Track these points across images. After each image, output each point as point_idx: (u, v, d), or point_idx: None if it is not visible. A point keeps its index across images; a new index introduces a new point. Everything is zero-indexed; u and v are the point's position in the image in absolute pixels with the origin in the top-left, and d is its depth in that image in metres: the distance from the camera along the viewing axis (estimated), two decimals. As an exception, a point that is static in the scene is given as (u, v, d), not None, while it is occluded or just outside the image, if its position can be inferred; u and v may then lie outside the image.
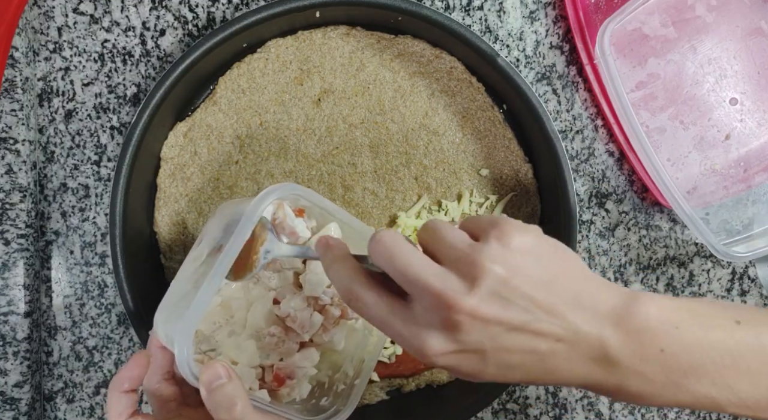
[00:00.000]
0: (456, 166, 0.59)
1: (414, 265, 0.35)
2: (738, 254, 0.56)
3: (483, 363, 0.35)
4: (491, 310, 0.34)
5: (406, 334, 0.35)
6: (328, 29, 0.57)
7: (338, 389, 0.50)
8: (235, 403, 0.39)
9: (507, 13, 0.59)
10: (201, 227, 0.58)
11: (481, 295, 0.33)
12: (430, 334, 0.34)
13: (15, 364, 0.56)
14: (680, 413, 0.64)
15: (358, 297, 0.36)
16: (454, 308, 0.33)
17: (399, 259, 0.35)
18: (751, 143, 0.60)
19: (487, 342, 0.34)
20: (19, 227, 0.56)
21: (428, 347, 0.34)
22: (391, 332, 0.36)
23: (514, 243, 0.35)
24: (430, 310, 0.34)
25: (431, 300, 0.34)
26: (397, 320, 0.35)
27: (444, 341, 0.34)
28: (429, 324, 0.34)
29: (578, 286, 0.36)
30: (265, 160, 0.58)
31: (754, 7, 0.59)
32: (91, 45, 0.57)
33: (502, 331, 0.34)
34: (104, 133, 0.58)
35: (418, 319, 0.35)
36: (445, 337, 0.34)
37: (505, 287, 0.34)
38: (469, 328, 0.34)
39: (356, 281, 0.37)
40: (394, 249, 0.35)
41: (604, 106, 0.59)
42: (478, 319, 0.34)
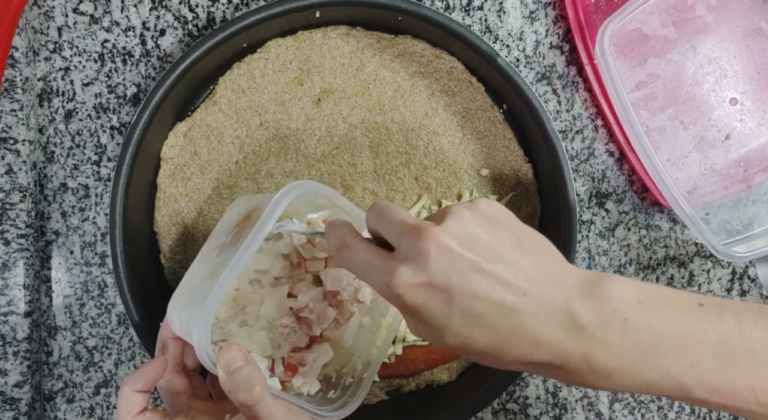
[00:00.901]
0: (456, 166, 0.59)
1: (398, 213, 0.38)
2: (738, 254, 0.56)
3: (448, 306, 0.35)
4: (459, 244, 0.35)
5: (382, 270, 0.36)
6: (328, 29, 0.57)
7: (346, 383, 0.50)
8: (254, 384, 0.40)
9: (507, 13, 0.59)
10: (201, 227, 0.58)
11: (450, 230, 0.35)
12: (402, 265, 0.35)
13: (15, 364, 0.56)
14: (680, 413, 0.64)
15: (348, 245, 0.39)
16: (423, 235, 0.35)
17: (386, 212, 0.38)
18: (751, 143, 0.60)
19: (454, 277, 0.35)
20: (19, 227, 0.56)
21: (397, 277, 0.35)
22: (371, 275, 0.37)
23: (480, 204, 0.37)
24: (406, 247, 0.36)
25: (408, 236, 0.35)
26: (378, 260, 0.37)
27: (413, 271, 0.35)
28: (404, 258, 0.36)
29: (546, 256, 0.37)
30: (265, 160, 0.58)
31: (754, 7, 0.59)
32: (91, 45, 0.57)
33: (468, 269, 0.35)
34: (104, 133, 0.58)
35: (396, 257, 0.36)
36: (414, 268, 0.35)
37: (473, 231, 0.35)
38: (437, 258, 0.34)
39: (350, 234, 0.39)
40: (386, 209, 0.38)
41: (604, 106, 0.59)
42: (446, 249, 0.35)
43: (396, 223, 0.37)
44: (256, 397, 0.40)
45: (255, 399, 0.40)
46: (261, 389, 0.40)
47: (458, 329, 0.36)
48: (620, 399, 0.63)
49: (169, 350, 0.47)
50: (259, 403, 0.40)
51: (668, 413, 0.64)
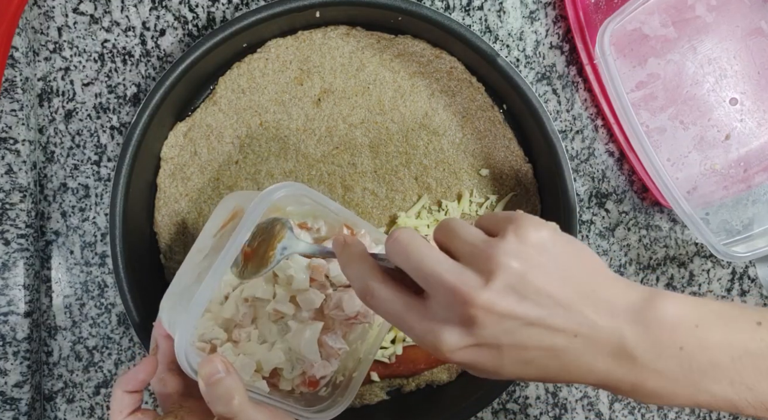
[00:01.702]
0: (456, 166, 0.59)
1: (430, 260, 0.35)
2: (738, 254, 0.56)
3: (499, 359, 0.35)
4: (507, 304, 0.34)
5: (421, 330, 0.35)
6: (328, 29, 0.57)
7: (337, 381, 0.50)
8: (232, 397, 0.40)
9: (507, 13, 0.59)
10: (201, 227, 0.58)
11: (496, 290, 0.34)
12: (445, 330, 0.34)
13: (15, 364, 0.56)
14: (680, 413, 0.64)
15: (374, 293, 0.37)
16: (470, 303, 0.33)
17: (415, 255, 0.35)
18: (751, 143, 0.60)
19: (503, 337, 0.34)
20: (19, 227, 0.56)
21: (444, 343, 0.34)
22: (406, 328, 0.36)
23: (530, 238, 0.35)
24: (446, 306, 0.34)
25: (447, 295, 0.34)
26: (413, 316, 0.35)
27: (460, 336, 0.34)
28: (445, 319, 0.34)
29: (595, 281, 0.36)
30: (265, 160, 0.58)
31: (754, 7, 0.59)
32: (91, 45, 0.57)
33: (517, 326, 0.34)
34: (104, 133, 0.58)
35: (434, 314, 0.35)
36: (460, 332, 0.34)
37: (521, 282, 0.34)
38: (485, 323, 0.34)
39: (373, 277, 0.37)
40: (411, 246, 0.35)
41: (604, 106, 0.59)
42: (494, 313, 0.34)
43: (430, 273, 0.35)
44: (234, 409, 0.40)
45: (233, 411, 0.40)
46: (240, 401, 0.40)
47: (510, 373, 0.36)
48: (620, 399, 0.63)
49: (161, 348, 0.47)
50: (238, 415, 0.40)
51: (668, 413, 0.64)
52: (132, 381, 0.45)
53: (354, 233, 0.48)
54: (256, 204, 0.42)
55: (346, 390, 0.49)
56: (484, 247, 0.35)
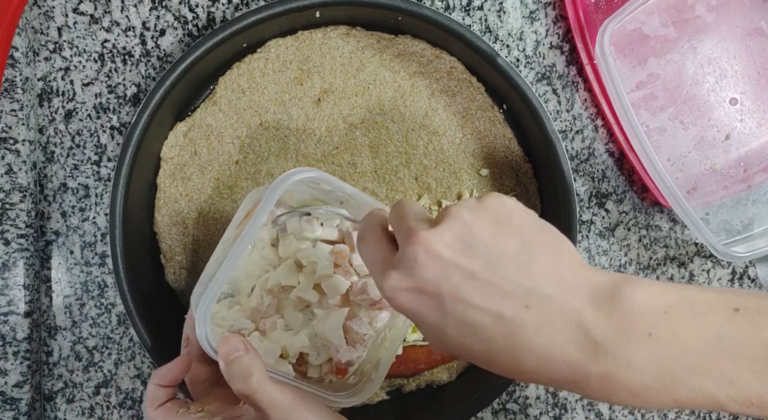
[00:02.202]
0: (456, 166, 0.59)
1: (407, 211, 0.36)
2: (738, 254, 0.56)
3: (442, 313, 0.33)
4: (449, 249, 0.33)
5: (378, 271, 0.36)
6: (328, 29, 0.57)
7: (365, 368, 0.50)
8: (251, 374, 0.41)
9: (507, 13, 0.59)
10: (201, 227, 0.58)
11: (441, 232, 0.33)
12: (392, 269, 0.34)
13: (15, 364, 0.56)
14: (680, 413, 0.64)
15: (365, 237, 0.38)
16: (413, 239, 0.33)
17: (399, 212, 0.37)
18: (751, 143, 0.60)
19: (445, 285, 0.33)
20: (19, 227, 0.56)
21: (387, 279, 0.34)
22: (371, 270, 0.37)
23: (490, 200, 0.34)
24: (401, 251, 0.34)
25: (403, 239, 0.35)
26: (378, 259, 0.36)
27: (400, 276, 0.34)
28: (396, 261, 0.35)
29: (557, 260, 0.33)
30: (265, 160, 0.58)
31: (754, 7, 0.59)
32: (91, 45, 0.57)
33: (461, 277, 0.33)
34: (104, 133, 0.58)
35: (393, 260, 0.35)
36: (403, 272, 0.34)
37: (470, 232, 0.33)
38: (426, 264, 0.33)
39: (374, 228, 0.39)
40: (400, 207, 0.37)
41: (604, 106, 0.59)
42: (436, 256, 0.33)
43: (401, 221, 0.36)
44: (253, 386, 0.41)
45: (252, 388, 0.41)
46: (258, 379, 0.41)
47: (455, 336, 0.34)
48: (620, 399, 0.63)
49: (191, 339, 0.49)
50: (258, 392, 0.41)
51: (668, 413, 0.64)
52: (165, 377, 0.47)
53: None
54: (273, 188, 0.43)
55: (375, 373, 0.49)
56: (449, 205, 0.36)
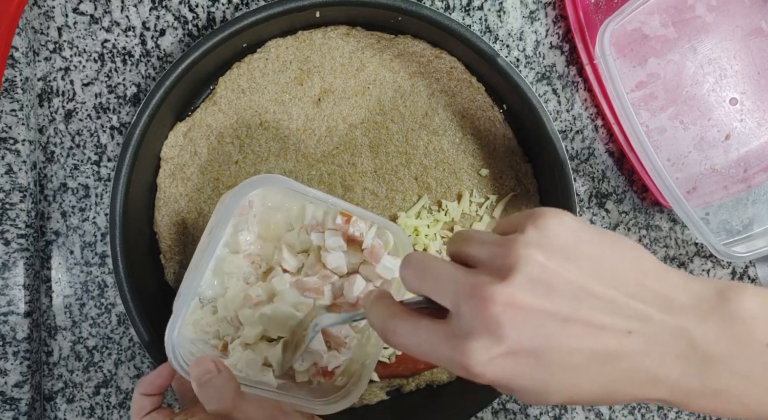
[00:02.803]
0: (456, 166, 0.59)
1: (444, 272, 0.31)
2: (738, 254, 0.56)
3: (541, 368, 0.30)
4: (533, 297, 0.29)
5: (448, 351, 0.31)
6: (328, 29, 0.57)
7: (353, 368, 0.50)
8: (223, 396, 0.41)
9: (507, 13, 0.59)
10: (201, 227, 0.58)
11: (518, 283, 0.29)
12: (471, 342, 0.30)
13: (15, 364, 0.56)
14: (680, 413, 0.64)
15: (394, 330, 0.33)
16: (489, 300, 0.29)
17: (429, 271, 0.32)
18: (751, 143, 0.60)
19: (539, 339, 0.29)
20: (19, 227, 0.56)
21: (472, 356, 0.29)
22: (435, 356, 0.31)
23: (552, 228, 0.30)
24: (469, 316, 0.30)
25: (467, 303, 0.30)
26: (438, 340, 0.31)
27: (487, 345, 0.29)
28: (469, 332, 0.30)
29: (642, 272, 0.30)
30: (265, 160, 0.58)
31: (754, 7, 0.59)
32: (91, 45, 0.57)
33: (553, 324, 0.29)
34: (104, 133, 0.58)
35: (458, 331, 0.30)
36: (487, 340, 0.29)
37: (546, 273, 0.29)
38: (512, 323, 0.29)
39: (392, 315, 0.33)
40: (423, 263, 0.33)
41: (604, 106, 0.59)
42: (519, 308, 0.29)
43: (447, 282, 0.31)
44: (227, 406, 0.40)
45: (227, 409, 0.40)
46: (233, 399, 0.40)
47: (560, 389, 0.30)
48: (620, 399, 0.63)
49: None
50: (234, 411, 0.41)
51: (668, 413, 0.64)
52: (150, 385, 0.47)
53: (349, 221, 0.48)
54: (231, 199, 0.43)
55: (359, 380, 0.49)
56: (501, 244, 0.31)
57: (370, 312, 0.35)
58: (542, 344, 0.29)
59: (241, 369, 0.48)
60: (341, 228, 0.48)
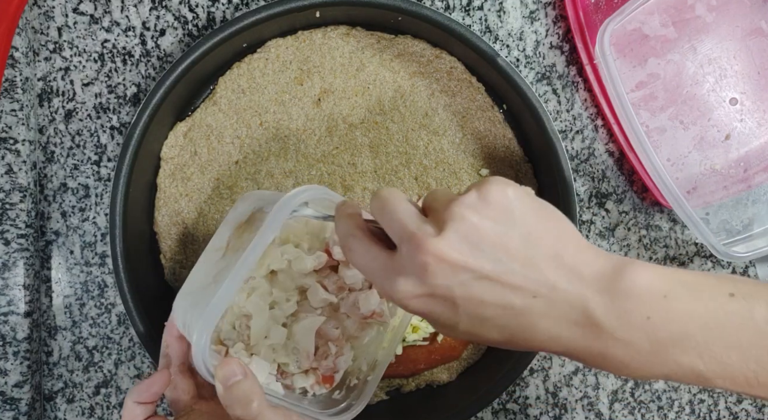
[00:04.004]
0: (456, 166, 0.59)
1: (400, 212, 0.36)
2: (738, 254, 0.56)
3: (454, 312, 0.35)
4: (459, 254, 0.33)
5: (382, 279, 0.35)
6: (328, 29, 0.57)
7: (350, 384, 0.50)
8: (251, 400, 0.40)
9: (507, 13, 0.59)
10: (201, 227, 0.58)
11: (448, 239, 0.33)
12: (401, 278, 0.34)
13: (15, 364, 0.56)
14: (680, 413, 0.64)
15: (350, 247, 0.37)
16: (422, 248, 0.33)
17: (389, 208, 0.36)
18: (751, 143, 0.60)
19: (456, 288, 0.34)
20: (19, 227, 0.56)
21: (397, 290, 0.34)
22: (373, 280, 0.37)
23: (492, 195, 0.34)
24: (406, 256, 0.34)
25: (407, 244, 0.34)
26: (379, 267, 0.36)
27: (413, 284, 0.34)
28: (403, 268, 0.35)
29: (561, 245, 0.35)
30: (265, 160, 0.58)
31: (754, 7, 0.59)
32: (91, 45, 0.57)
33: (471, 279, 0.34)
34: (104, 133, 0.58)
35: (396, 265, 0.35)
36: (414, 281, 0.34)
37: (476, 234, 0.34)
38: (437, 271, 0.33)
39: (354, 234, 0.38)
40: (388, 200, 0.36)
41: (604, 106, 0.59)
42: (446, 262, 0.33)
43: (397, 224, 0.36)
44: (254, 413, 0.40)
45: (252, 414, 0.40)
46: (258, 404, 0.40)
47: (467, 329, 0.35)
48: (620, 399, 0.63)
49: (172, 349, 0.47)
50: (257, 417, 0.40)
51: (668, 413, 0.64)
52: (144, 393, 0.45)
53: None
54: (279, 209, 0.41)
55: (361, 393, 0.49)
56: (448, 200, 0.35)
57: (338, 222, 0.39)
58: (458, 293, 0.34)
59: None
60: None
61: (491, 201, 0.34)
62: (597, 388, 0.63)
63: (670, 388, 0.63)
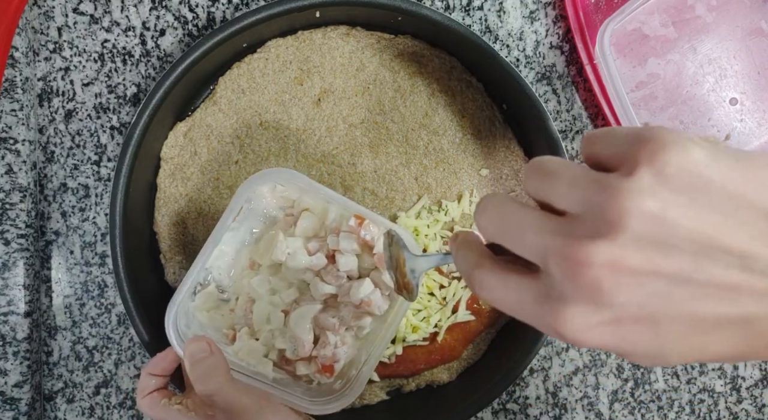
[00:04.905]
0: (456, 166, 0.59)
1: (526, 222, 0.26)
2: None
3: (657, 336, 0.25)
4: (642, 258, 0.24)
5: (539, 314, 0.26)
6: (328, 29, 0.57)
7: (351, 374, 0.51)
8: (212, 376, 0.42)
9: (507, 13, 0.59)
10: (201, 227, 0.58)
11: (622, 241, 0.24)
12: (565, 306, 0.25)
13: (15, 364, 0.56)
14: (680, 413, 0.64)
15: (481, 283, 0.28)
16: (584, 263, 0.24)
17: (509, 224, 0.27)
18: (751, 143, 0.60)
19: (651, 302, 0.24)
20: (19, 227, 0.56)
21: (566, 324, 0.25)
22: (525, 317, 0.27)
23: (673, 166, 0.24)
24: (561, 277, 0.25)
25: (557, 264, 0.25)
26: (529, 299, 0.27)
27: (585, 312, 0.25)
28: (562, 295, 0.25)
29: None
30: (265, 160, 0.58)
31: (754, 7, 0.59)
32: (91, 45, 0.57)
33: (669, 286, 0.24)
34: (104, 133, 0.58)
35: (550, 292, 0.26)
36: (585, 306, 0.25)
37: (662, 226, 0.24)
38: (615, 287, 0.24)
39: (478, 265, 0.29)
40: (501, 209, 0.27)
41: (604, 106, 0.59)
42: (625, 272, 0.24)
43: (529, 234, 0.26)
44: (213, 388, 0.42)
45: (211, 390, 0.42)
46: (219, 381, 0.42)
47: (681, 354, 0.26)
48: (620, 399, 0.63)
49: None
50: (217, 394, 0.42)
51: (668, 413, 0.64)
52: (157, 366, 0.49)
53: (362, 224, 0.49)
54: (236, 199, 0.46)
55: (353, 384, 0.50)
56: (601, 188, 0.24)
57: (456, 257, 0.31)
58: (657, 311, 0.25)
59: (242, 357, 0.49)
60: (354, 230, 0.48)
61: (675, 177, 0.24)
62: (597, 388, 0.63)
63: (670, 388, 0.63)
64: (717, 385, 0.63)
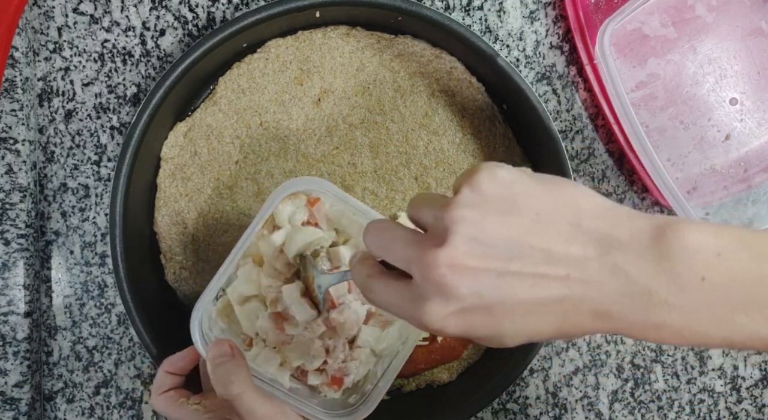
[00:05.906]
0: (456, 166, 0.59)
1: (396, 239, 0.34)
2: (738, 254, 0.56)
3: (493, 319, 0.32)
4: (471, 257, 0.31)
5: (410, 311, 0.33)
6: (328, 29, 0.57)
7: (365, 389, 0.50)
8: (232, 381, 0.42)
9: (507, 13, 0.59)
10: (201, 227, 0.58)
11: (454, 245, 0.31)
12: (426, 303, 0.32)
13: (15, 364, 0.56)
14: (680, 413, 0.64)
15: (370, 288, 0.35)
16: (431, 265, 0.31)
17: (384, 239, 0.34)
18: (751, 143, 0.60)
19: (485, 292, 0.31)
20: (19, 227, 0.56)
21: (428, 316, 0.32)
22: (403, 316, 0.34)
23: (484, 183, 0.32)
24: (421, 279, 0.32)
25: (417, 266, 0.32)
26: (403, 300, 0.33)
27: (439, 305, 0.31)
28: (424, 293, 0.32)
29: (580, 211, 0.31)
30: (265, 160, 0.58)
31: (754, 7, 0.59)
32: (91, 45, 0.57)
33: (494, 278, 0.31)
34: (104, 133, 0.58)
35: (417, 292, 0.32)
36: (438, 300, 0.31)
37: (483, 232, 0.31)
38: (457, 282, 0.31)
39: (369, 274, 0.36)
40: (380, 230, 0.35)
41: (604, 106, 0.59)
42: (460, 268, 0.31)
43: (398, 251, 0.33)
44: (233, 392, 0.42)
45: (232, 395, 0.42)
46: (240, 386, 0.42)
47: (514, 334, 0.32)
48: (620, 399, 0.63)
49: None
50: (237, 399, 0.42)
51: (668, 413, 0.64)
52: (174, 364, 0.49)
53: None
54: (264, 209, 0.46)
55: (368, 399, 0.49)
56: (441, 206, 0.32)
57: (353, 271, 0.37)
58: (489, 299, 0.31)
59: (259, 364, 0.49)
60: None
61: (487, 192, 0.32)
62: (597, 388, 0.63)
63: (670, 388, 0.63)
64: (717, 385, 0.63)
